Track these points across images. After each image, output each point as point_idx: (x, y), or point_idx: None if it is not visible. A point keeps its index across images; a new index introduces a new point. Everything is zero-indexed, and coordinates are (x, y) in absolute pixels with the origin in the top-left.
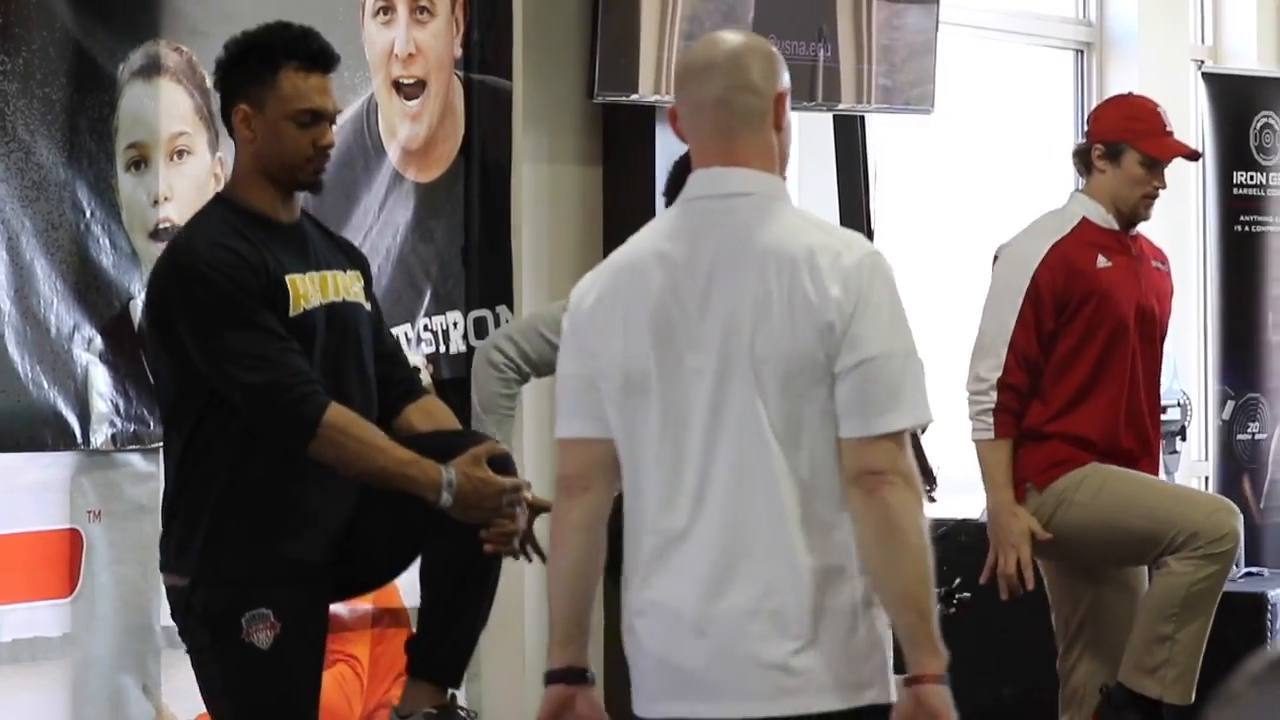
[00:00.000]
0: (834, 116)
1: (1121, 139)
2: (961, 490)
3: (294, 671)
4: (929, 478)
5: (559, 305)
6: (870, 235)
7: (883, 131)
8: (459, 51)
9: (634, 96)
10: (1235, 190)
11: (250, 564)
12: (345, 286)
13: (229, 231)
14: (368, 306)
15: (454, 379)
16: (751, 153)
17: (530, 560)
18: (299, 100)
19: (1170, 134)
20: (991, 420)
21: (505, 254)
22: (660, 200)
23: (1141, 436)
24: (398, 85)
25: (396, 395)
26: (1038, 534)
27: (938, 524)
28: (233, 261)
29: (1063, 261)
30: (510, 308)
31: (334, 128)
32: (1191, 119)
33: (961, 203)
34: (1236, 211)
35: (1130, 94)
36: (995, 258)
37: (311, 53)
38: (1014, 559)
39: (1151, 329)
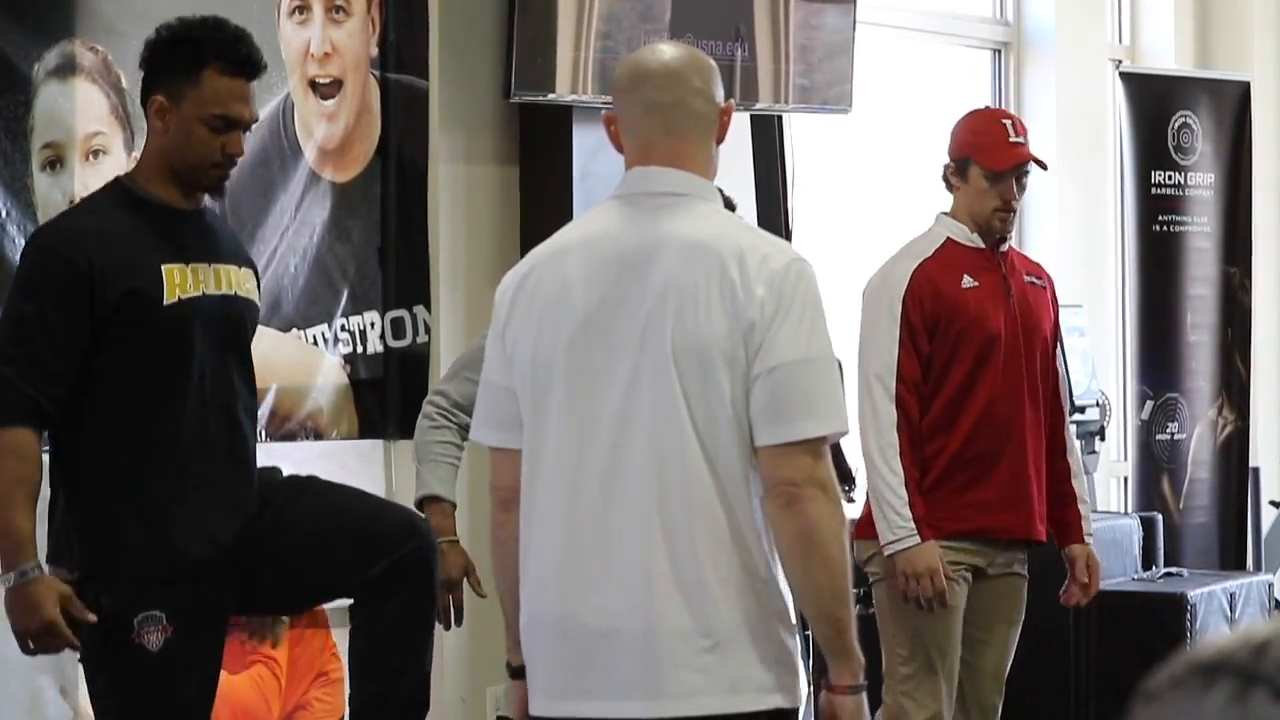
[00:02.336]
0: (752, 116)
1: (965, 154)
2: None
3: (183, 676)
4: (847, 479)
5: (477, 344)
6: (788, 235)
7: (801, 131)
8: (375, 51)
9: (551, 96)
10: (1153, 190)
11: (140, 561)
12: (239, 282)
13: (104, 219)
14: (258, 304)
15: (371, 379)
16: (693, 158)
17: None
18: (217, 104)
19: (1014, 145)
20: (899, 464)
21: (422, 254)
22: (576, 200)
23: (1009, 440)
24: (314, 85)
25: None
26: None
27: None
28: (72, 254)
29: (927, 283)
30: (427, 308)
31: (247, 133)
32: (1109, 119)
33: (880, 202)
34: (1155, 211)
35: (984, 108)
36: (863, 292)
37: (239, 58)
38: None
39: (1031, 345)
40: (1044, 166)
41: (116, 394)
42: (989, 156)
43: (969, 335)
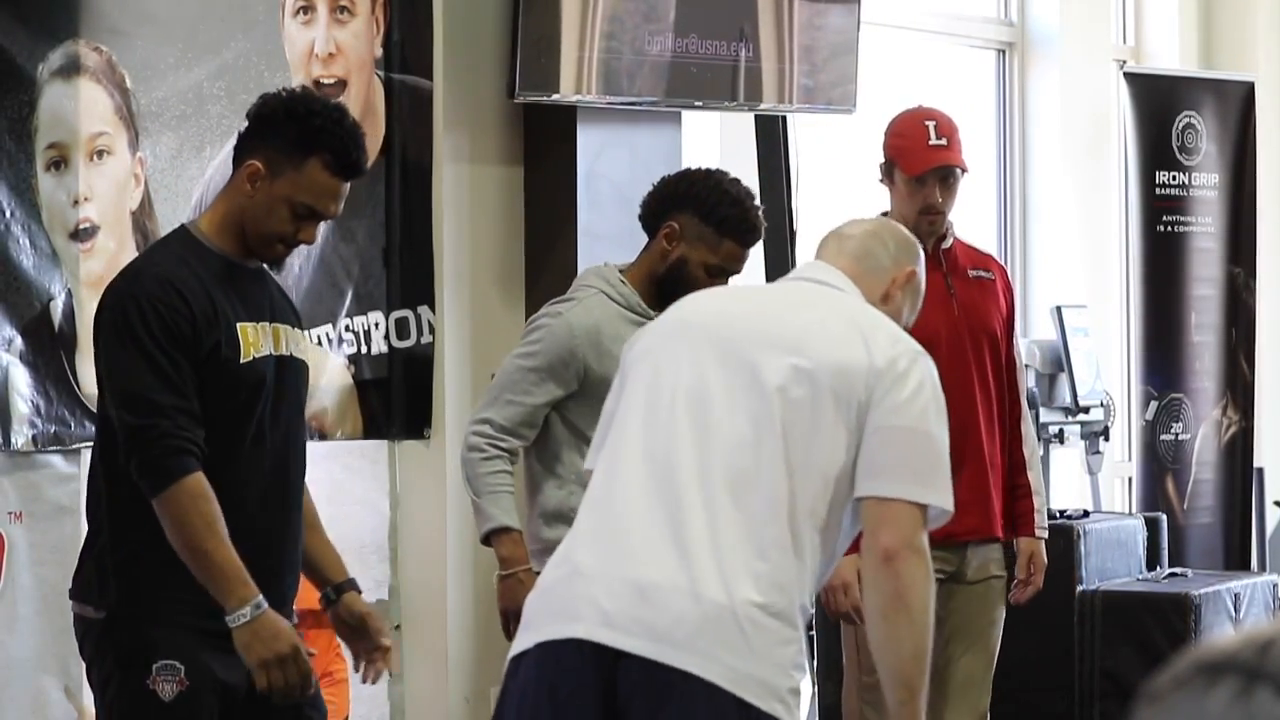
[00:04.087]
0: (755, 117)
1: (890, 157)
2: None
3: None
4: None
5: (512, 365)
6: (792, 235)
7: (804, 131)
8: (379, 51)
9: (555, 96)
10: (1157, 190)
11: (173, 609)
12: (294, 341)
13: (183, 268)
14: (308, 365)
15: (375, 380)
16: (860, 278)
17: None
18: (311, 195)
19: (933, 149)
20: None
21: (426, 254)
22: (581, 200)
23: (965, 441)
24: (318, 85)
25: None
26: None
27: None
28: (171, 301)
29: None
30: (431, 308)
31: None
32: (1114, 119)
33: (883, 203)
34: (1159, 212)
35: (911, 108)
36: None
37: (348, 160)
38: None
39: (979, 342)
40: (964, 170)
41: None
42: (907, 160)
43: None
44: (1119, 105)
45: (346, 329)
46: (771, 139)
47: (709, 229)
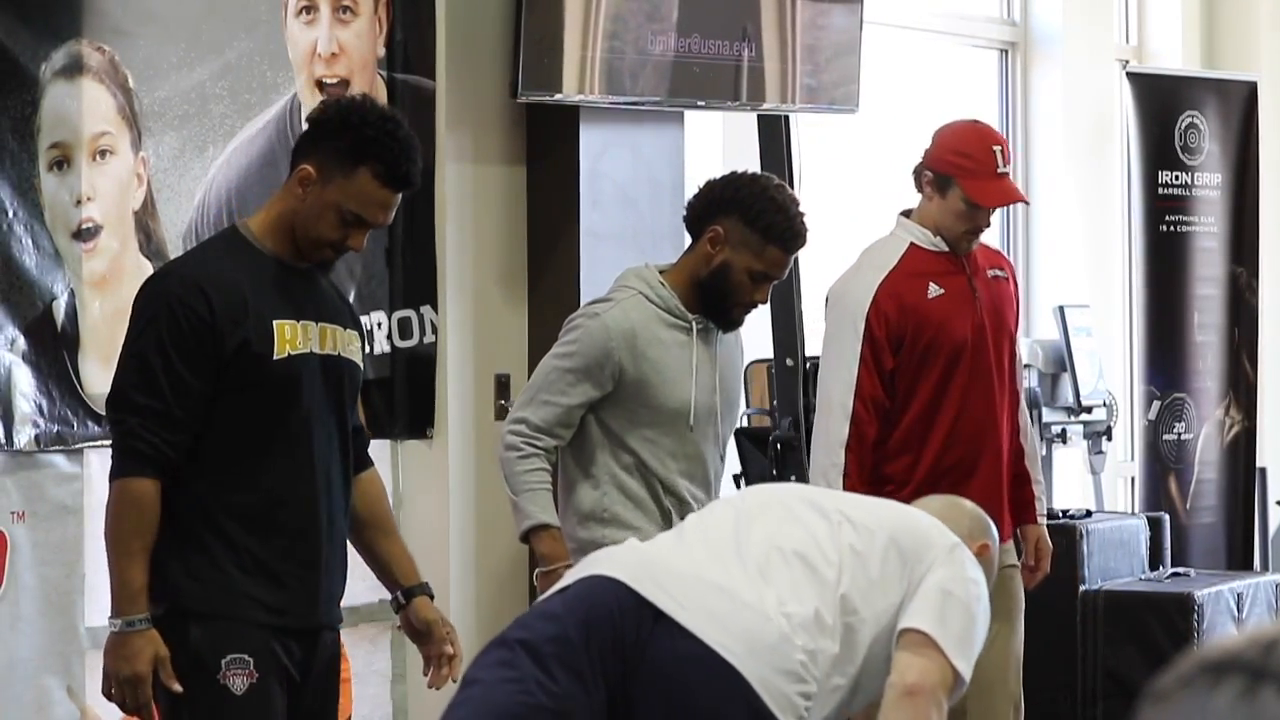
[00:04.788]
0: (759, 116)
1: (949, 173)
2: None
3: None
4: None
5: (550, 365)
6: None
7: (807, 131)
8: (382, 51)
9: (558, 96)
10: (1160, 190)
11: (234, 604)
12: (344, 343)
13: (218, 267)
14: (362, 368)
15: (378, 379)
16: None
17: None
18: (360, 204)
19: (1000, 177)
20: (841, 485)
21: (429, 254)
22: (583, 200)
23: (985, 444)
24: (321, 85)
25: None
26: None
27: None
28: (190, 302)
29: (892, 297)
30: (434, 308)
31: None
32: (1116, 119)
33: (886, 202)
34: (1162, 212)
35: (974, 123)
36: (827, 300)
37: (399, 173)
38: None
39: (1000, 344)
40: (1025, 203)
41: (217, 440)
42: (978, 190)
43: (936, 347)
44: (1121, 105)
45: None
46: (774, 139)
47: (754, 234)
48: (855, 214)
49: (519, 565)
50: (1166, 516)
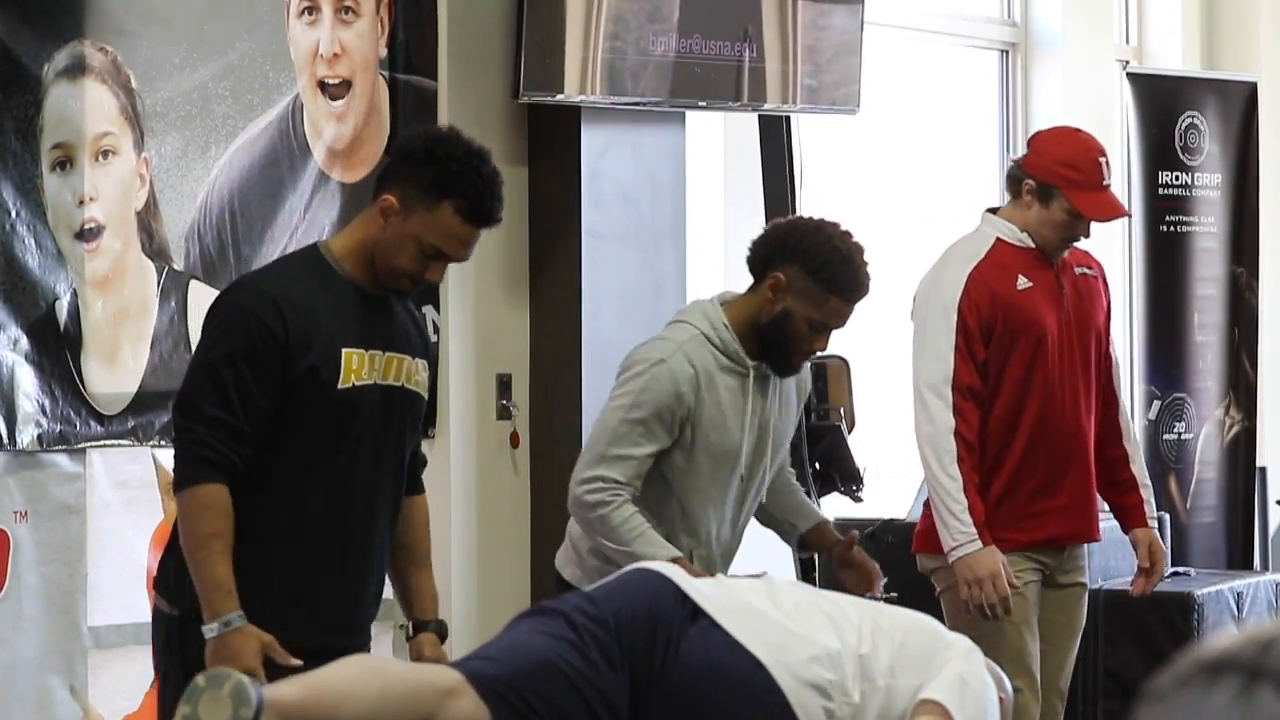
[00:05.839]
0: (760, 117)
1: (1054, 183)
2: (889, 489)
3: None
4: (856, 479)
5: (616, 419)
6: None
7: (808, 132)
8: (384, 51)
9: (559, 96)
10: (1160, 190)
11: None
12: (410, 373)
13: (297, 288)
14: (425, 397)
15: None
16: None
17: None
18: (441, 238)
19: (1106, 188)
20: (958, 470)
21: None
22: (584, 200)
23: (1072, 442)
24: (323, 85)
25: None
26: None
27: (865, 524)
28: (266, 319)
29: (983, 287)
30: (436, 308)
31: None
32: (1117, 119)
33: (887, 202)
34: (1162, 212)
35: (1077, 132)
36: (915, 299)
37: (482, 210)
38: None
39: (1085, 340)
40: (1128, 215)
41: (267, 456)
42: (1085, 202)
43: (1022, 337)
44: (1122, 105)
45: None
46: (775, 139)
47: (816, 285)
48: (856, 214)
49: (520, 565)
50: (1167, 516)
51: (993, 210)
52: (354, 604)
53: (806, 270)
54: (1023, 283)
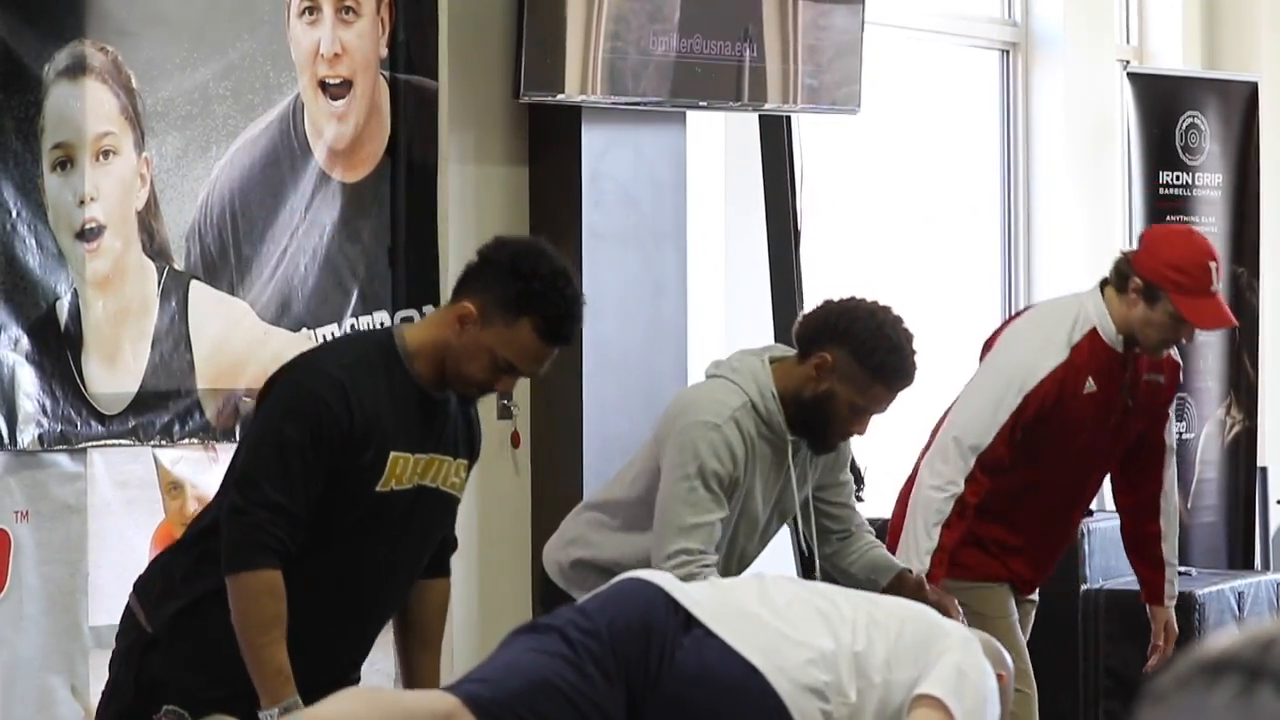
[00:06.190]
0: (760, 117)
1: (1162, 285)
2: (889, 488)
3: None
4: (857, 479)
5: (682, 489)
6: (797, 236)
7: (809, 132)
8: (385, 51)
9: (560, 96)
10: (1161, 190)
11: (206, 671)
12: (446, 475)
13: (366, 378)
14: (459, 498)
15: None
16: None
17: None
18: (517, 354)
19: (1212, 295)
20: (939, 534)
21: (432, 254)
22: (585, 200)
23: (1057, 524)
24: (323, 85)
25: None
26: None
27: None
28: (335, 407)
29: (1055, 387)
30: (437, 308)
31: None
32: (1117, 119)
33: (888, 203)
34: (1163, 212)
35: (1189, 235)
36: (987, 344)
37: (561, 333)
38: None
39: (1126, 436)
40: (1235, 325)
41: None
42: (1192, 308)
43: (1060, 433)
44: (1122, 105)
45: (352, 328)
46: (776, 139)
47: (863, 371)
48: (857, 214)
49: (520, 564)
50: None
51: (1104, 283)
52: (342, 668)
53: (855, 355)
54: (1089, 386)
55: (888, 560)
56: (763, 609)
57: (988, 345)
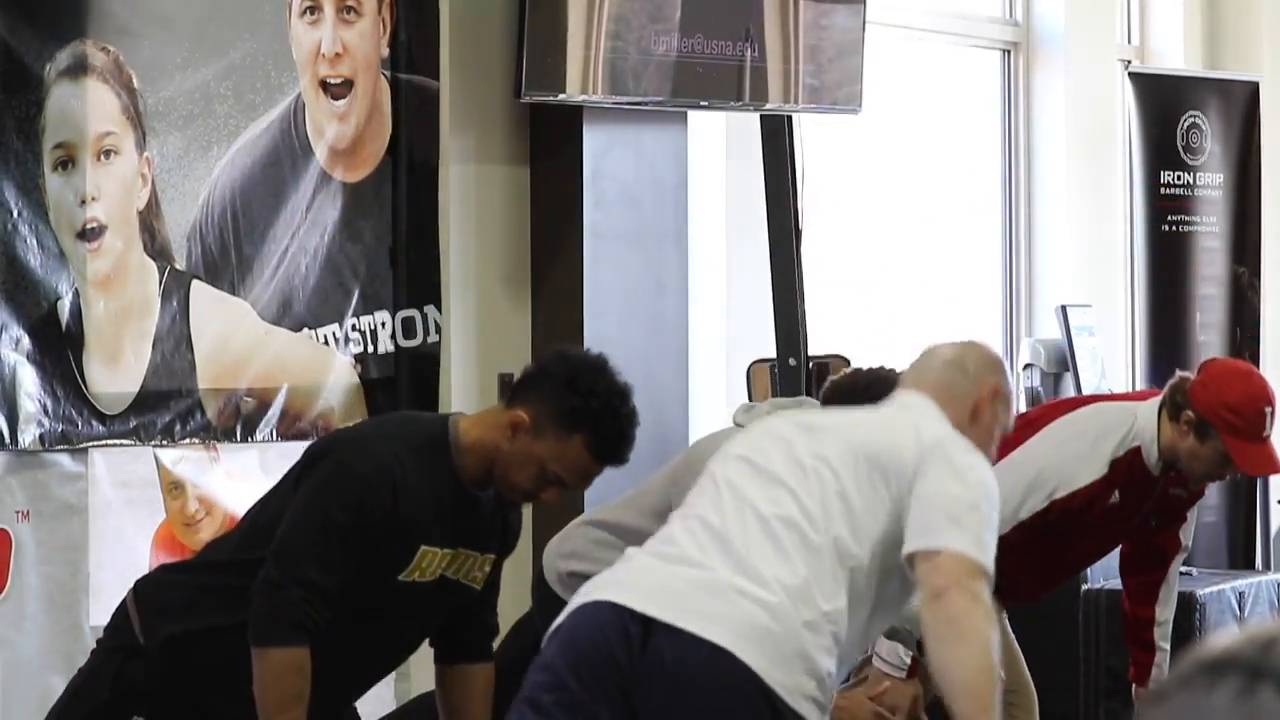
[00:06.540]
0: (761, 117)
1: (1215, 424)
2: None
3: None
4: None
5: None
6: (798, 235)
7: (810, 131)
8: (386, 51)
9: (561, 96)
10: (1162, 190)
11: (185, 699)
12: (470, 569)
13: (414, 470)
14: (478, 590)
15: (382, 379)
16: (947, 404)
17: None
18: (567, 469)
19: (1264, 441)
20: None
21: (433, 254)
22: (586, 200)
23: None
24: (325, 85)
25: (464, 649)
26: None
27: None
28: (380, 493)
29: (1083, 498)
30: (438, 308)
31: None
32: (1119, 119)
33: (889, 202)
34: (1164, 211)
35: (1250, 375)
36: (1028, 419)
37: (613, 453)
38: None
39: (1133, 536)
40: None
41: None
42: (1241, 453)
43: (1065, 535)
44: (1124, 105)
45: (353, 328)
46: (777, 139)
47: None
48: (858, 214)
49: (521, 564)
50: None
51: (1161, 405)
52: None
53: None
54: (1114, 497)
55: None
56: (720, 564)
57: (1029, 421)
